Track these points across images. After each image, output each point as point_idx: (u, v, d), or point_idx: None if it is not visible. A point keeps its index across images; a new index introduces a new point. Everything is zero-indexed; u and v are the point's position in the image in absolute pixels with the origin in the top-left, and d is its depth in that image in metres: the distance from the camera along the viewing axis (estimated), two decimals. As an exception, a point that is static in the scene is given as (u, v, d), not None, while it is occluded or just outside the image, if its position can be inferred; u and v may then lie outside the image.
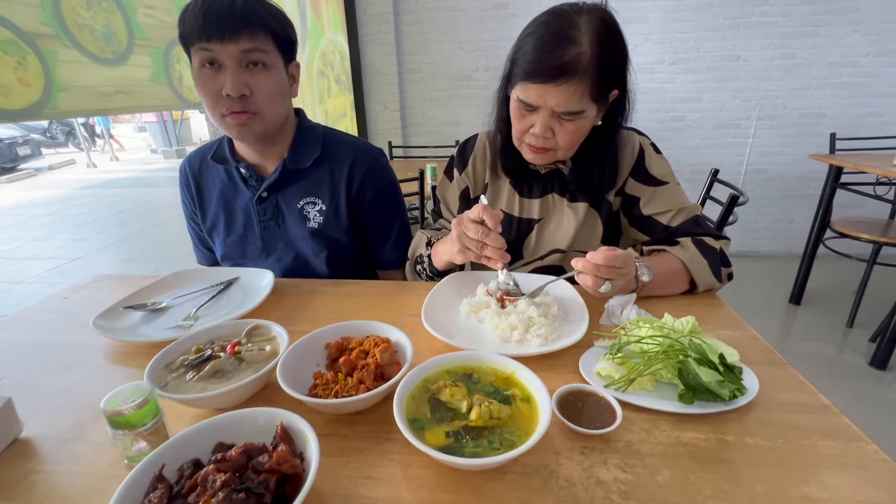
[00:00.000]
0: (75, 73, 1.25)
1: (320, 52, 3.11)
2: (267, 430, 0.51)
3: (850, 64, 3.12)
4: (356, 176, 1.09)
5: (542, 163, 0.94)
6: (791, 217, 3.54)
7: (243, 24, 0.89)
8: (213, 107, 0.93)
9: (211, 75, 0.91)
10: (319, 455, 0.45)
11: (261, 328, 0.73)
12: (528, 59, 0.80)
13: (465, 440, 0.50)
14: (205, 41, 0.88)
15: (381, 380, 0.61)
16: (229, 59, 0.89)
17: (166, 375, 0.62)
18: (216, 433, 0.50)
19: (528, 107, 0.84)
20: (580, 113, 0.82)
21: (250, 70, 0.92)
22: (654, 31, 3.24)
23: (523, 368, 0.58)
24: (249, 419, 0.52)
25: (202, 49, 0.89)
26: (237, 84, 0.90)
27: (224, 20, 0.87)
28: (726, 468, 0.50)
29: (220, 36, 0.87)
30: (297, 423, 0.50)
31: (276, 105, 0.98)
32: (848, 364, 2.31)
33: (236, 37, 0.88)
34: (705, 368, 0.56)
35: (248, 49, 0.90)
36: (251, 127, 0.96)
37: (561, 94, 0.79)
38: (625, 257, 0.75)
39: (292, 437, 0.50)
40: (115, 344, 0.79)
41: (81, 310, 0.91)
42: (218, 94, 0.91)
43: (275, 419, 0.51)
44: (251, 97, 0.93)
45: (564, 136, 0.85)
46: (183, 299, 0.93)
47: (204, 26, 0.87)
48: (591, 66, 0.77)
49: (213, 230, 1.15)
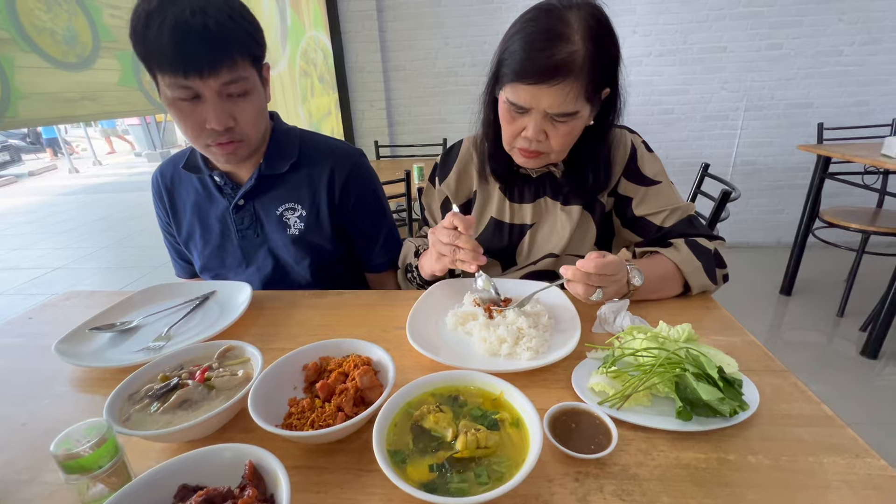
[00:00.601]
0: (36, 79, 1.18)
1: (302, 50, 3.04)
2: (236, 468, 0.47)
3: (836, 53, 3.12)
4: (337, 180, 1.04)
5: (534, 167, 0.91)
6: (780, 208, 3.55)
7: (223, 55, 0.79)
8: (196, 137, 0.87)
9: (189, 108, 0.83)
10: (290, 499, 0.41)
11: (234, 350, 0.68)
12: (517, 59, 0.75)
13: (451, 474, 0.46)
14: (181, 77, 0.78)
15: (361, 404, 0.57)
16: (210, 92, 0.81)
17: (129, 408, 0.58)
18: (179, 475, 0.46)
19: (519, 109, 0.80)
20: (574, 114, 0.78)
21: (233, 100, 0.85)
22: (641, 22, 3.22)
23: (512, 389, 0.55)
24: (216, 457, 0.48)
25: (177, 84, 0.79)
26: (222, 118, 0.84)
27: (201, 53, 0.77)
28: (729, 493, 0.47)
29: (198, 71, 0.78)
30: (268, 461, 0.46)
31: (259, 126, 0.94)
32: (839, 354, 2.31)
33: (217, 70, 0.79)
34: (704, 385, 0.53)
35: (229, 81, 0.82)
36: (239, 154, 0.93)
37: (555, 95, 0.75)
38: (616, 264, 0.72)
39: (262, 476, 0.46)
40: (80, 370, 0.74)
41: (45, 332, 0.86)
42: (200, 127, 0.85)
43: (244, 457, 0.47)
44: (236, 126, 0.88)
45: (558, 139, 0.81)
46: (155, 317, 0.88)
47: (177, 59, 0.76)
48: (586, 65, 0.73)
49: (189, 241, 1.10)
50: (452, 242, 0.78)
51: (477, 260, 0.78)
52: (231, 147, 0.90)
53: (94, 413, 0.63)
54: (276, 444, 0.56)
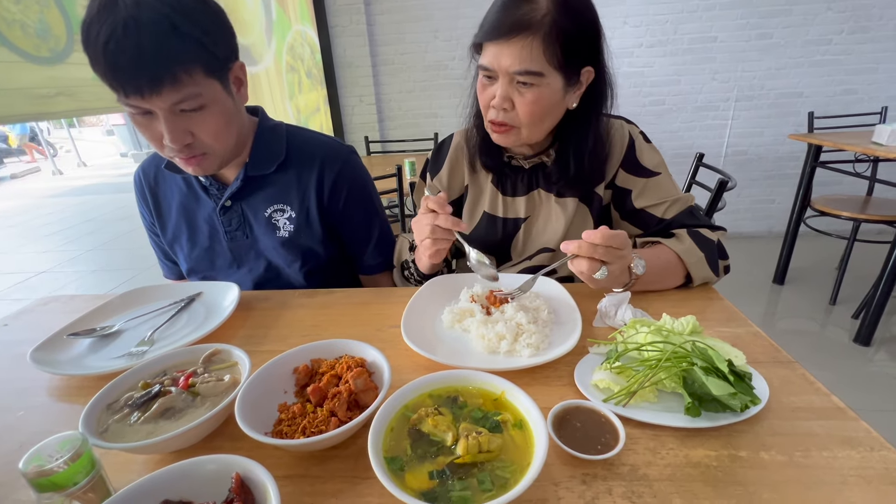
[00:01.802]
0: (6, 73, 1.11)
1: (288, 45, 2.98)
2: (222, 481, 0.44)
3: (825, 42, 3.13)
4: (326, 179, 1.00)
5: (505, 144, 0.88)
6: (772, 197, 3.56)
7: (162, 74, 0.71)
8: (159, 149, 0.82)
9: (145, 122, 0.77)
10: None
11: (221, 353, 0.65)
12: (487, 22, 0.79)
13: (452, 481, 0.43)
14: (122, 97, 0.73)
15: (355, 408, 0.54)
16: (159, 109, 0.75)
17: (107, 418, 0.54)
18: (161, 489, 0.43)
19: (487, 72, 0.81)
20: (537, 76, 0.77)
21: (187, 115, 0.78)
22: (632, 13, 3.20)
23: (514, 388, 0.52)
24: (201, 469, 0.45)
25: (125, 103, 0.74)
26: (177, 135, 0.78)
27: (136, 75, 0.70)
28: (743, 491, 0.45)
29: (138, 93, 0.71)
30: (256, 472, 0.43)
31: (224, 139, 0.86)
32: (833, 341, 2.33)
33: (158, 90, 0.72)
34: (714, 379, 0.51)
35: (177, 101, 0.75)
36: (205, 165, 0.86)
37: (513, 51, 0.76)
38: (623, 238, 0.70)
39: (251, 489, 0.43)
40: (57, 378, 0.70)
41: (22, 338, 0.82)
42: (159, 141, 0.79)
43: (230, 469, 0.44)
44: (195, 141, 0.81)
45: (524, 107, 0.80)
46: (137, 321, 0.84)
47: (115, 82, 0.71)
48: (547, 23, 0.74)
49: (174, 243, 1.05)
50: (431, 223, 0.79)
51: (457, 225, 0.78)
52: (194, 161, 0.84)
53: (72, 424, 0.59)
54: (265, 453, 0.53)
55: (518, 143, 0.88)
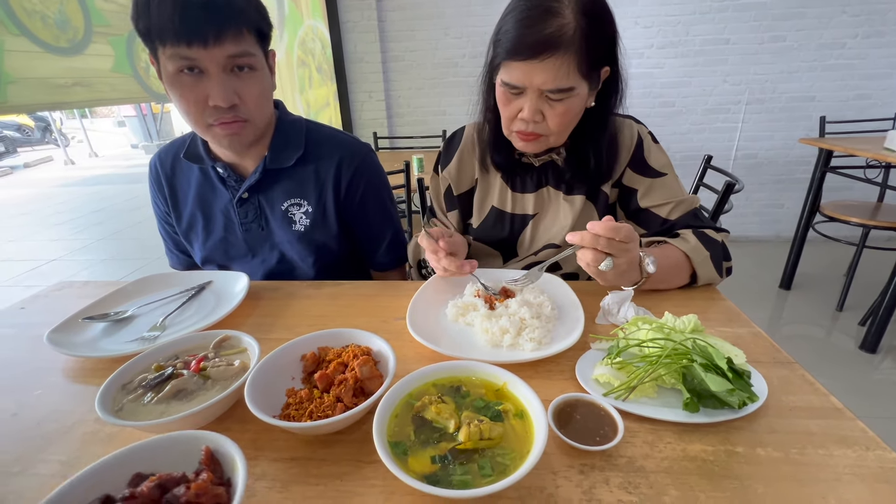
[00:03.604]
0: (27, 63, 1.14)
1: (299, 39, 3.00)
2: (193, 456, 0.45)
3: (839, 46, 3.09)
4: (344, 176, 1.01)
5: (532, 151, 0.89)
6: (780, 202, 3.54)
7: (228, 25, 0.77)
8: (198, 116, 0.84)
9: (191, 83, 0.80)
10: (246, 482, 0.40)
11: (231, 339, 0.67)
12: (509, 38, 0.75)
13: (453, 466, 0.45)
14: (184, 46, 0.75)
15: (360, 395, 0.56)
16: (214, 65, 0.79)
17: (122, 398, 0.56)
18: (134, 463, 0.44)
19: (514, 89, 0.79)
20: (569, 91, 0.76)
21: (237, 75, 0.82)
22: (643, 14, 3.18)
23: (516, 380, 0.53)
24: (173, 445, 0.46)
25: (180, 56, 0.77)
26: (226, 94, 0.81)
27: (206, 20, 0.75)
28: (738, 485, 0.46)
29: (202, 40, 0.75)
30: (225, 446, 0.44)
31: (264, 108, 0.91)
32: (838, 348, 2.31)
33: (221, 40, 0.77)
34: (713, 375, 0.52)
35: (234, 54, 0.79)
36: (242, 136, 0.89)
37: (546, 70, 0.73)
38: (628, 231, 0.68)
39: (220, 461, 0.44)
40: (73, 360, 0.72)
41: (38, 321, 0.84)
42: (202, 104, 0.82)
43: (201, 443, 0.45)
44: (240, 104, 0.84)
45: (555, 119, 0.80)
46: (150, 307, 0.86)
47: (181, 28, 0.74)
48: (577, 38, 0.72)
49: (190, 232, 1.07)
50: (438, 265, 0.83)
51: (461, 271, 0.81)
52: (235, 127, 0.86)
53: (87, 404, 0.61)
54: (273, 436, 0.55)
55: (544, 149, 0.89)
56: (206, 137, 0.91)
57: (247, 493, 0.47)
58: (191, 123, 0.87)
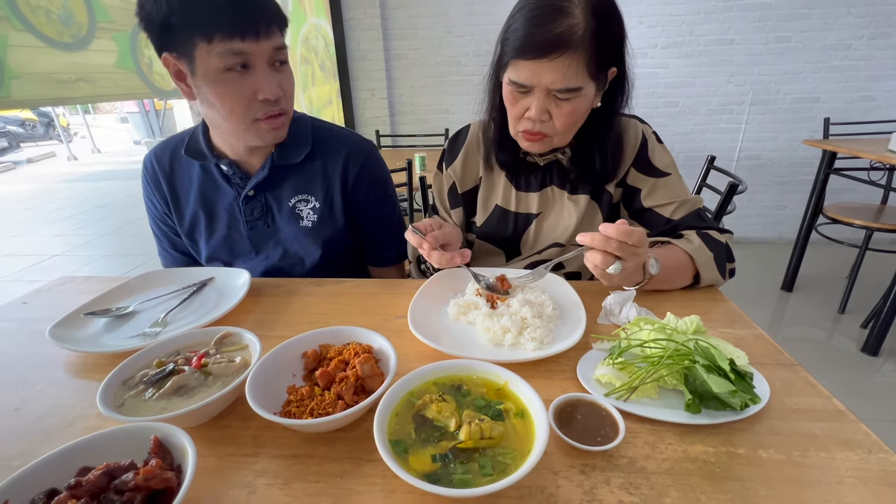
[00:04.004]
0: (30, 58, 1.14)
1: (303, 36, 2.99)
2: (141, 447, 0.46)
3: (844, 47, 3.08)
4: (350, 171, 1.02)
5: (538, 151, 0.89)
6: (783, 203, 3.53)
7: (273, 18, 0.80)
8: (244, 112, 0.84)
9: (238, 78, 0.81)
10: (195, 465, 0.42)
11: (232, 336, 0.67)
12: (518, 36, 0.75)
13: (454, 464, 0.45)
14: (238, 39, 0.76)
15: (361, 393, 0.56)
16: (261, 59, 0.81)
17: (123, 393, 0.56)
18: (80, 457, 0.45)
19: (522, 88, 0.78)
20: (577, 91, 0.76)
21: (278, 70, 0.85)
22: (647, 13, 3.17)
23: (517, 379, 0.53)
24: (119, 437, 0.47)
25: (232, 51, 0.77)
26: (274, 87, 0.84)
27: (257, 13, 0.77)
28: (740, 487, 0.46)
29: (255, 33, 0.78)
30: (176, 435, 0.45)
31: (293, 100, 0.93)
32: (840, 350, 2.31)
33: (270, 33, 0.80)
34: (715, 377, 0.51)
35: (278, 47, 0.82)
36: (282, 130, 0.92)
37: (555, 70, 0.73)
38: (640, 235, 0.67)
39: (169, 450, 0.45)
40: (74, 355, 0.72)
41: (40, 316, 0.84)
42: (250, 99, 0.83)
43: (150, 433, 0.46)
44: (283, 98, 0.87)
45: (561, 119, 0.79)
46: (151, 303, 0.86)
47: (237, 20, 0.75)
48: (587, 38, 0.72)
49: (193, 231, 1.06)
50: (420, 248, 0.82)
51: (452, 264, 0.80)
52: (281, 121, 0.89)
53: (88, 399, 0.62)
54: (274, 433, 0.55)
55: (549, 149, 0.88)
56: (246, 134, 0.90)
57: (247, 489, 0.48)
58: (234, 120, 0.86)
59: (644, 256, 0.71)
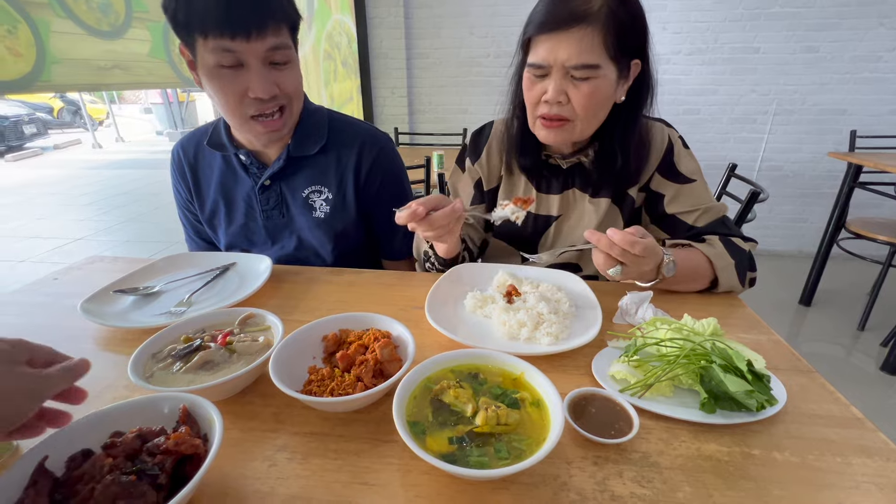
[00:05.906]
0: (70, 45, 1.19)
1: (327, 33, 3.04)
2: (170, 415, 0.48)
3: (874, 59, 3.01)
4: (364, 163, 1.03)
5: (556, 141, 0.87)
6: (804, 216, 3.46)
7: (269, 18, 0.80)
8: (235, 108, 0.86)
9: (230, 75, 0.82)
10: (222, 435, 0.44)
11: (255, 317, 0.69)
12: (538, 13, 0.78)
13: (470, 447, 0.46)
14: (227, 39, 0.77)
15: (380, 377, 0.57)
16: (255, 58, 0.81)
17: (152, 366, 0.58)
18: (112, 422, 0.47)
19: (539, 69, 0.80)
20: (594, 68, 0.76)
21: (276, 68, 0.85)
22: (672, 19, 3.14)
23: (533, 370, 0.54)
24: (150, 405, 0.49)
25: (222, 49, 0.79)
26: (266, 86, 0.83)
27: (249, 14, 0.77)
28: (754, 486, 0.46)
29: (245, 33, 0.78)
30: (203, 406, 0.47)
31: (298, 102, 0.94)
32: (858, 368, 2.26)
33: (263, 34, 0.79)
34: (732, 377, 0.52)
35: (274, 47, 0.82)
36: (280, 132, 0.93)
37: (571, 42, 0.75)
38: (647, 247, 0.68)
39: (196, 420, 0.47)
40: (104, 329, 0.75)
41: (71, 292, 0.87)
42: (241, 97, 0.84)
43: (178, 403, 0.48)
44: (280, 94, 0.88)
45: (580, 100, 0.79)
46: (176, 284, 0.89)
47: (226, 20, 0.76)
48: (603, 14, 0.74)
49: (213, 219, 1.09)
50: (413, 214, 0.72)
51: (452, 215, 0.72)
52: (276, 123, 0.89)
53: (118, 370, 0.64)
54: (295, 411, 0.56)
55: (569, 140, 0.87)
56: (243, 130, 0.93)
57: (268, 462, 0.49)
58: (228, 115, 0.89)
59: (647, 266, 0.72)
